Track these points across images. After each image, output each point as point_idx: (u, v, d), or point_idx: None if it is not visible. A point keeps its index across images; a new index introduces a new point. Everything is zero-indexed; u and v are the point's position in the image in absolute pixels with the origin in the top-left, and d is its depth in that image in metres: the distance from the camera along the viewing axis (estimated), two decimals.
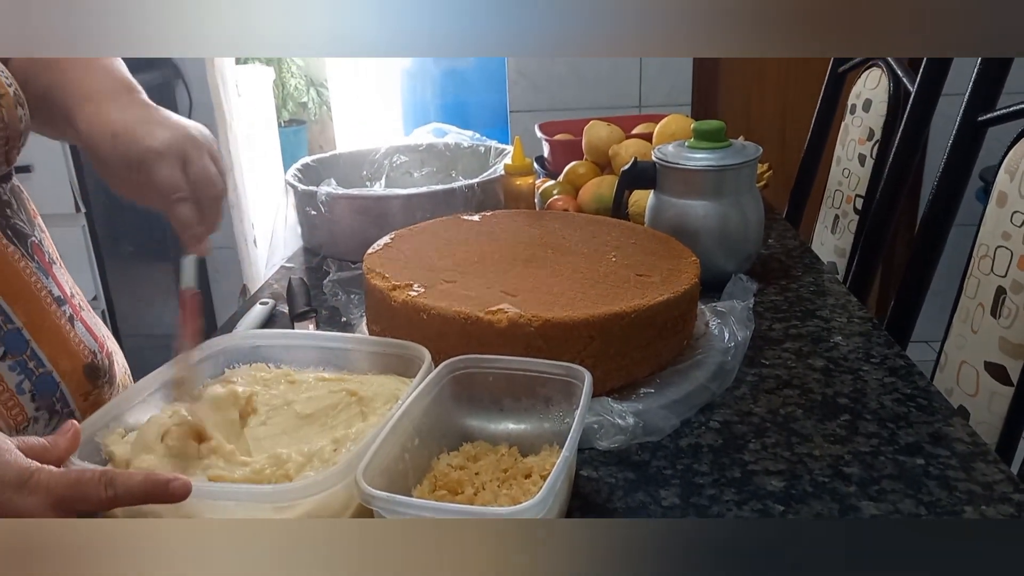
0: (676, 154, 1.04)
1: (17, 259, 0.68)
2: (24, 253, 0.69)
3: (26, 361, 0.67)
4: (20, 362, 0.67)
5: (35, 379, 0.68)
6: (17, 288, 0.67)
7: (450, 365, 0.68)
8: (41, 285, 0.70)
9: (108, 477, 0.49)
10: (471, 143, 1.44)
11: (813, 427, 0.74)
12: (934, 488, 0.65)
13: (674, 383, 0.79)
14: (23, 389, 0.67)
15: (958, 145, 1.01)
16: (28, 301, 0.68)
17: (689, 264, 0.86)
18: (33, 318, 0.68)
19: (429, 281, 0.81)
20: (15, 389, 0.66)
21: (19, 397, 0.66)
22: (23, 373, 0.67)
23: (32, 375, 0.68)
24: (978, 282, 0.92)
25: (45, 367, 0.69)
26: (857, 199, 1.40)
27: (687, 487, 0.67)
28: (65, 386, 0.70)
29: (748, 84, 2.42)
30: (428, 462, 0.65)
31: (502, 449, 0.67)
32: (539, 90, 2.33)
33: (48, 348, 0.69)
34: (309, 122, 3.30)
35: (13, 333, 0.66)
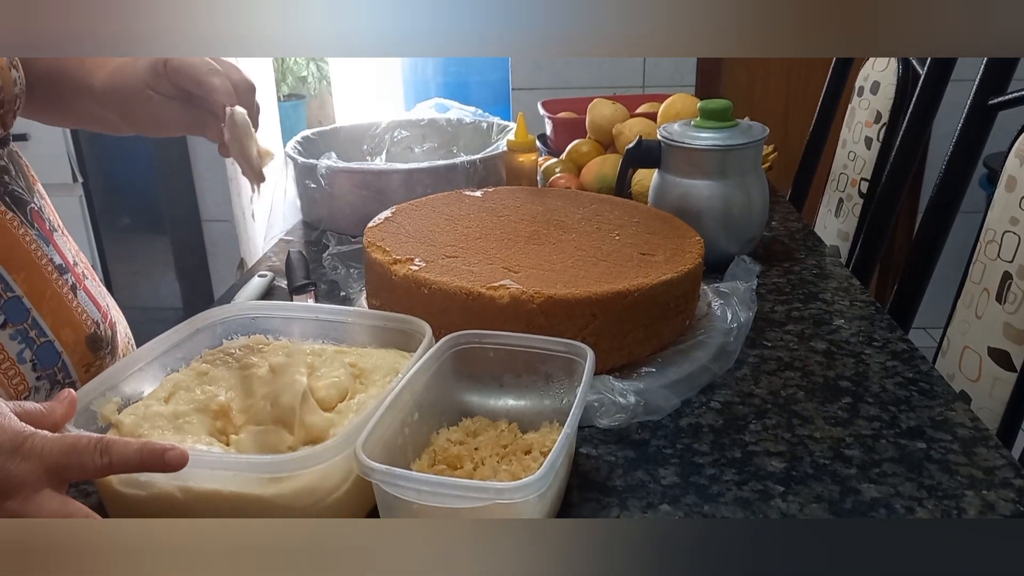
0: (682, 133, 1.03)
1: (16, 226, 0.68)
2: (23, 220, 0.69)
3: (27, 330, 0.67)
4: (21, 331, 0.66)
5: (36, 348, 0.67)
6: (17, 256, 0.67)
7: (451, 340, 0.67)
8: (42, 253, 0.69)
9: (104, 444, 0.48)
10: (473, 119, 1.42)
11: (814, 409, 0.74)
12: (935, 472, 0.65)
13: (676, 363, 0.78)
14: (24, 358, 0.66)
15: (967, 129, 1.00)
16: (28, 269, 0.68)
17: (693, 244, 0.85)
18: (34, 287, 0.68)
19: (430, 256, 0.80)
20: (16, 358, 0.66)
21: (20, 366, 0.66)
22: (24, 342, 0.66)
23: (33, 344, 0.67)
24: (984, 267, 0.92)
25: (47, 336, 0.68)
26: (862, 182, 1.39)
27: (687, 467, 0.66)
28: (67, 356, 0.70)
29: (752, 65, 2.40)
30: (427, 437, 0.64)
31: (502, 425, 0.67)
32: (541, 68, 2.31)
33: (50, 318, 0.69)
34: (308, 97, 3.27)
35: (13, 301, 0.66)
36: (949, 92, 1.16)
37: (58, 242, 0.73)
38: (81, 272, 0.75)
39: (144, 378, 0.66)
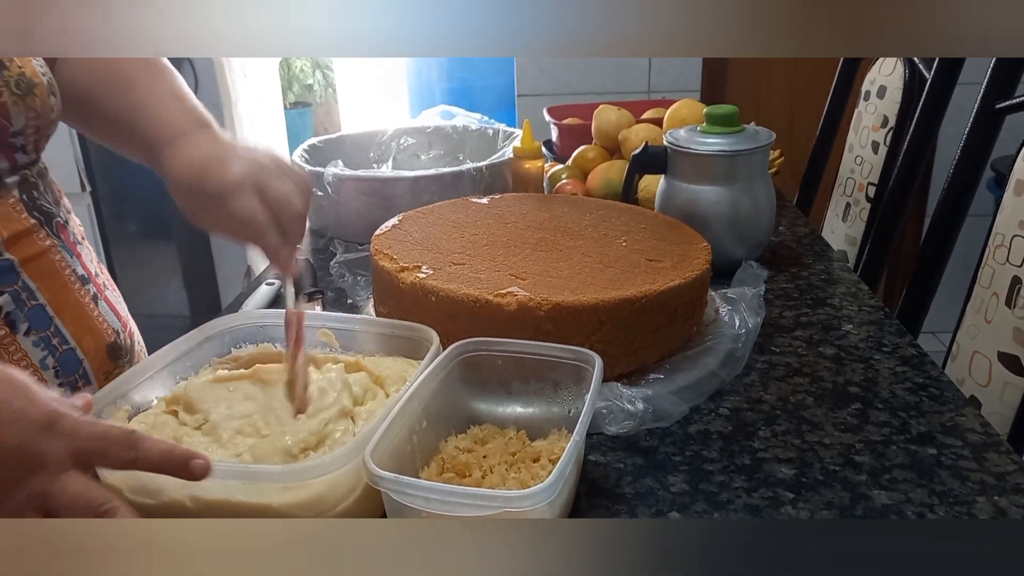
0: (688, 139, 1.03)
1: (42, 238, 0.69)
2: (50, 232, 0.71)
3: (50, 337, 0.68)
4: (44, 338, 0.67)
5: (59, 356, 0.69)
6: (42, 266, 0.68)
7: (459, 348, 0.67)
8: (65, 264, 0.71)
9: (133, 439, 0.48)
10: (479, 126, 1.42)
11: (824, 415, 0.74)
12: (946, 478, 0.65)
13: (684, 369, 0.78)
14: (47, 365, 0.68)
15: (975, 132, 0.99)
16: (52, 279, 0.69)
17: (700, 250, 0.85)
18: (57, 296, 0.69)
19: (437, 263, 0.80)
20: (39, 364, 0.67)
21: (43, 372, 0.67)
22: (47, 349, 0.68)
23: (56, 352, 0.68)
24: (993, 271, 0.91)
25: (69, 344, 0.69)
26: (869, 187, 1.39)
27: (696, 474, 0.66)
28: (88, 364, 0.71)
29: (758, 70, 2.40)
30: (436, 444, 0.64)
31: (510, 432, 0.67)
32: (546, 74, 2.31)
33: (72, 326, 0.70)
34: (315, 104, 3.28)
35: (37, 309, 0.67)
36: (956, 96, 1.16)
37: (81, 253, 0.75)
38: (102, 283, 0.77)
39: (154, 386, 0.66)
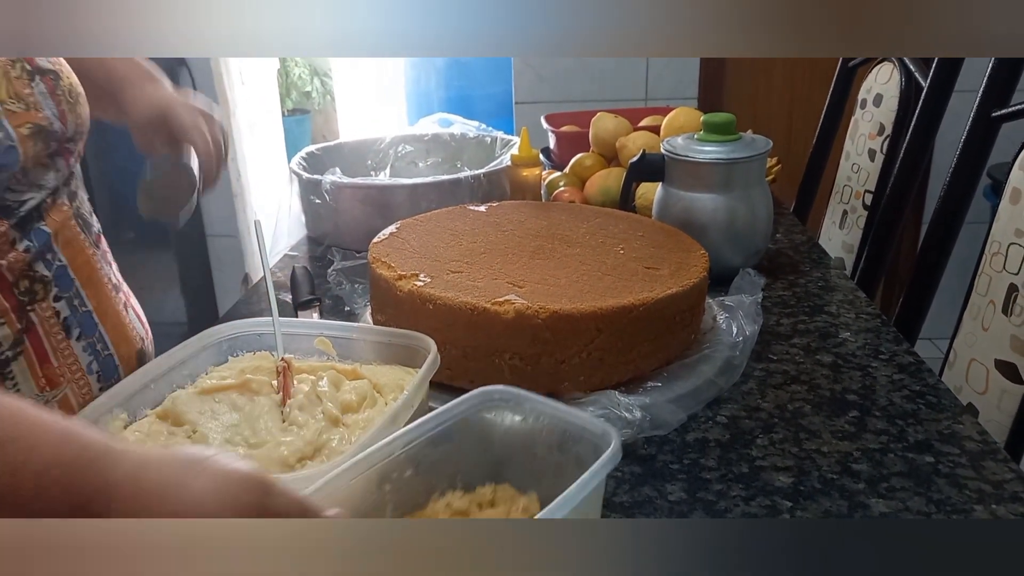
0: (685, 147, 1.03)
1: (87, 246, 0.72)
2: (91, 242, 0.73)
3: (95, 343, 0.71)
4: (91, 343, 0.70)
5: (101, 360, 0.71)
6: (88, 273, 0.71)
7: (483, 395, 0.59)
8: (104, 272, 0.74)
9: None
10: (477, 133, 1.43)
11: (821, 423, 0.74)
12: (944, 486, 0.64)
13: (681, 377, 0.78)
14: (92, 369, 0.70)
15: (971, 140, 1.00)
16: (97, 286, 0.72)
17: (698, 257, 0.85)
18: (100, 303, 0.72)
19: (435, 271, 0.80)
20: (86, 369, 0.69)
21: (88, 376, 0.70)
22: (92, 354, 0.70)
23: (99, 356, 0.71)
24: (990, 279, 0.91)
25: (109, 350, 0.72)
26: (866, 195, 1.39)
27: (694, 482, 0.66)
28: (122, 369, 0.74)
29: (755, 78, 2.40)
30: (424, 498, 0.57)
31: (522, 501, 0.57)
32: (544, 82, 2.31)
33: (112, 333, 0.73)
34: (313, 111, 3.28)
35: (86, 315, 0.70)
36: (952, 104, 1.16)
37: (112, 262, 0.78)
38: (126, 291, 0.80)
39: (150, 395, 0.66)
